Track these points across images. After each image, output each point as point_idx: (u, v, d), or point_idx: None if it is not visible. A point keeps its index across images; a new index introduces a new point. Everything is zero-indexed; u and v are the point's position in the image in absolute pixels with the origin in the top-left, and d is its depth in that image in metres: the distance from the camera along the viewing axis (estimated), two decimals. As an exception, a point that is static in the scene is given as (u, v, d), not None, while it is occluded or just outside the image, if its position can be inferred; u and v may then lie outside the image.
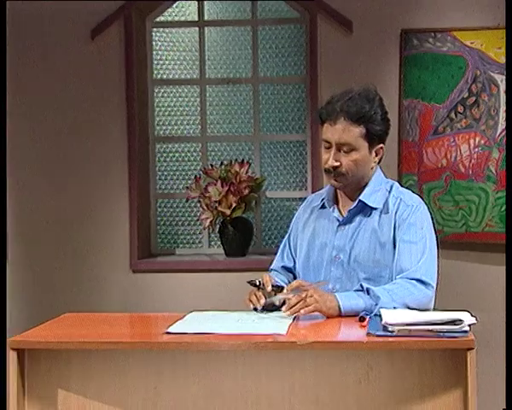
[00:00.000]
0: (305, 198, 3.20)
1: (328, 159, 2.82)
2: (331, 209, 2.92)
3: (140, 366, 2.47)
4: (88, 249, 4.80)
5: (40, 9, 4.73)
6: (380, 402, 2.38)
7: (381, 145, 2.87)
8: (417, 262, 2.74)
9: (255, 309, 2.77)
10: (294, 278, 3.03)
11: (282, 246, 3.13)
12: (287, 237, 3.12)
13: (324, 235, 2.92)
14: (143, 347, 2.49)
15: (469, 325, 2.33)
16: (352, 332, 2.50)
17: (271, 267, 3.11)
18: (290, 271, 3.06)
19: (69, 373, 2.49)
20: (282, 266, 3.07)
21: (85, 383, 2.48)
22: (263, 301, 2.76)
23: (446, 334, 2.29)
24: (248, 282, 2.83)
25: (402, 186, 3.09)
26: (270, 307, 2.78)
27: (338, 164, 2.81)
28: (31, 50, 4.77)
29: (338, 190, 2.93)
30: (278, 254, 3.13)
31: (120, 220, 4.79)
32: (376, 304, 2.63)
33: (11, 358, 2.41)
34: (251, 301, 2.79)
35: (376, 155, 2.87)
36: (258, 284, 2.78)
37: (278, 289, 2.79)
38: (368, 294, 2.68)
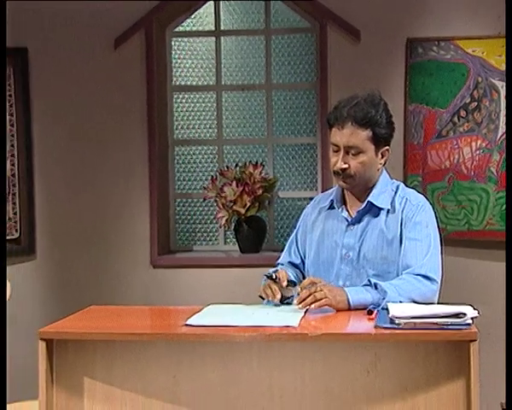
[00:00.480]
0: (314, 198, 3.20)
1: (337, 161, 2.82)
2: (340, 210, 2.92)
3: (160, 356, 2.48)
4: (111, 247, 4.81)
5: (67, 20, 4.74)
6: (387, 391, 2.38)
7: (387, 147, 2.86)
8: (422, 259, 2.73)
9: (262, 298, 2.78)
10: (301, 273, 3.04)
11: (289, 242, 3.12)
12: (294, 234, 3.10)
13: (334, 234, 2.91)
14: (164, 338, 2.49)
15: (472, 318, 2.32)
16: (360, 325, 2.50)
17: (278, 261, 3.10)
18: (296, 267, 3.05)
19: (94, 362, 2.50)
20: (289, 262, 3.07)
21: (109, 371, 2.49)
22: (279, 295, 2.75)
23: (450, 326, 2.29)
24: (265, 275, 2.83)
25: (407, 186, 3.08)
26: (283, 300, 2.79)
27: (346, 166, 2.80)
28: (57, 59, 4.78)
29: (345, 191, 2.93)
30: (285, 249, 3.11)
31: (142, 219, 4.80)
32: (384, 298, 2.62)
33: (40, 347, 2.42)
34: (266, 293, 2.79)
35: (382, 157, 2.86)
36: (274, 277, 2.78)
37: (292, 284, 2.80)
38: (375, 288, 2.67)
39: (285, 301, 2.80)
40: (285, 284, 2.75)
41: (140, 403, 2.48)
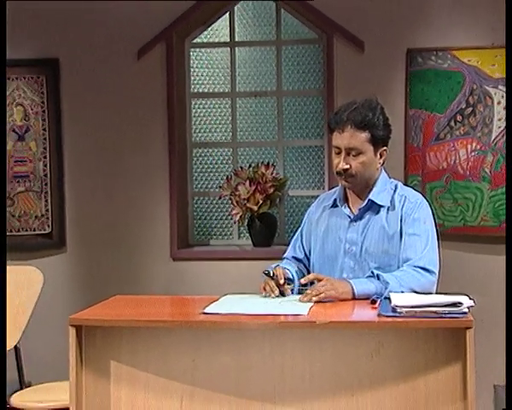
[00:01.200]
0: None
1: (339, 163, 2.81)
2: (343, 207, 2.91)
3: (180, 342, 2.49)
4: (134, 241, 4.81)
5: (94, 33, 4.76)
6: (389, 375, 2.38)
7: (385, 148, 2.85)
8: (421, 252, 2.73)
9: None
10: (305, 267, 3.03)
11: (294, 239, 3.11)
12: (299, 231, 3.10)
13: (337, 230, 2.90)
14: (183, 325, 2.50)
15: (468, 307, 2.32)
16: (365, 313, 2.50)
17: (284, 256, 3.10)
18: (300, 261, 3.05)
19: (120, 347, 2.51)
20: (293, 257, 3.06)
21: (134, 355, 2.51)
22: (277, 292, 2.74)
23: (448, 315, 2.29)
24: (264, 272, 2.81)
25: (407, 185, 3.07)
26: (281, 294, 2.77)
27: (348, 167, 2.80)
28: (86, 68, 4.78)
29: (348, 190, 2.92)
30: (291, 245, 3.11)
31: (162, 216, 4.81)
32: (386, 288, 2.62)
33: (71, 333, 2.43)
34: (265, 289, 2.78)
35: (381, 157, 2.86)
36: (272, 275, 2.77)
37: (289, 282, 2.79)
38: (378, 279, 2.67)
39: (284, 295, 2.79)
40: (282, 281, 2.74)
41: (162, 385, 2.49)
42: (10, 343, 3.28)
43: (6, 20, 3.38)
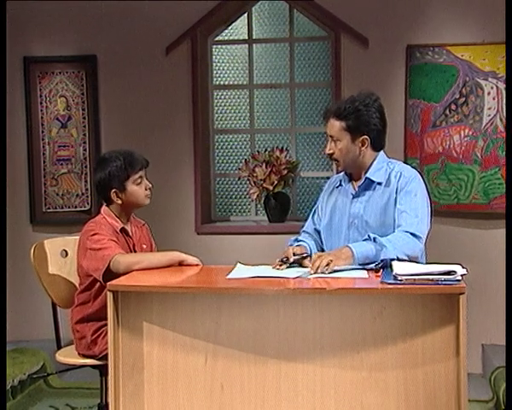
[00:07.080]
0: (330, 177, 3.20)
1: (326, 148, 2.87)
2: (346, 186, 2.91)
3: (204, 306, 2.49)
4: (163, 217, 4.82)
5: (128, 33, 4.75)
6: (391, 335, 2.38)
7: (365, 137, 2.79)
8: (411, 220, 2.71)
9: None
10: (320, 238, 3.01)
11: (312, 213, 3.09)
12: (315, 206, 3.09)
13: (342, 207, 2.90)
14: (207, 291, 2.51)
15: (461, 275, 2.30)
16: (369, 281, 2.48)
17: (303, 229, 3.07)
18: (319, 232, 3.02)
19: (151, 310, 2.52)
20: (314, 229, 3.04)
21: (164, 317, 2.52)
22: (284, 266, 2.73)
23: (443, 282, 2.28)
24: (280, 261, 2.74)
25: (407, 166, 3.04)
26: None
27: (331, 152, 2.83)
28: (120, 64, 4.79)
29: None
30: (309, 219, 3.08)
31: (188, 194, 4.81)
32: (382, 250, 2.60)
33: (108, 297, 2.44)
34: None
35: (363, 145, 2.81)
36: (285, 260, 2.73)
37: (300, 256, 2.77)
38: (375, 242, 2.64)
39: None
40: (291, 260, 2.72)
41: (189, 343, 2.50)
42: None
43: (6, 20, 3.31)
